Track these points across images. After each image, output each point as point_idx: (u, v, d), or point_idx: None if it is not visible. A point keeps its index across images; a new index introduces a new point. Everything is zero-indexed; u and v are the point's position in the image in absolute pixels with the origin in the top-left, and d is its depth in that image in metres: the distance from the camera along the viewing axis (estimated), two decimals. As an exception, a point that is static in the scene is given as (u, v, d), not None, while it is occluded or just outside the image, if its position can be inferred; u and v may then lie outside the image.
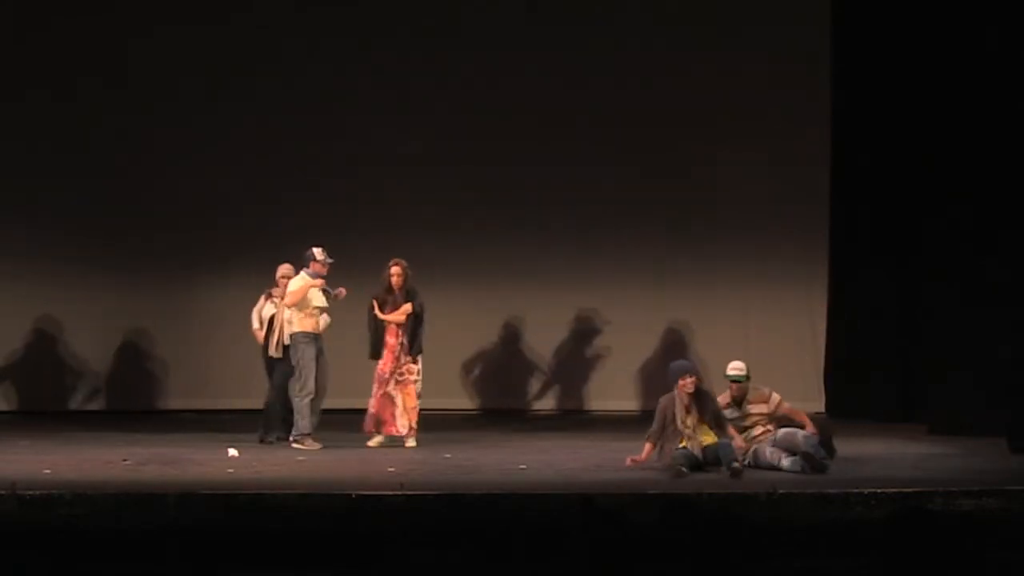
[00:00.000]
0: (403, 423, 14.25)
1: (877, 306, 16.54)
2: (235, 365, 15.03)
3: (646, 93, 16.99)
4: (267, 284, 14.74)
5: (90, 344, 16.93)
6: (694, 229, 17.09)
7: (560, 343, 17.25)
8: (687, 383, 12.65)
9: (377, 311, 14.28)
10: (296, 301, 14.32)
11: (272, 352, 14.53)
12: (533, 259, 17.02)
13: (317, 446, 14.18)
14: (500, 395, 17.16)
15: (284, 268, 14.62)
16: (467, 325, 16.59)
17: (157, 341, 17.03)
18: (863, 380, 16.55)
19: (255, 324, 14.62)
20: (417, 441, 14.31)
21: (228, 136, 16.92)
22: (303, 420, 14.27)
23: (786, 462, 12.54)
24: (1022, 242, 14.76)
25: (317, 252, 14.46)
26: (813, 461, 12.41)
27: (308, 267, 14.43)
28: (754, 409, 12.91)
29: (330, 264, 14.44)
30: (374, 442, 14.32)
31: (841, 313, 16.93)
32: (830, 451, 12.84)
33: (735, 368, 12.91)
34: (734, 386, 12.88)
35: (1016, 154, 14.87)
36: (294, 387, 14.36)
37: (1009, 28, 14.87)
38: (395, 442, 14.30)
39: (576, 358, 17.24)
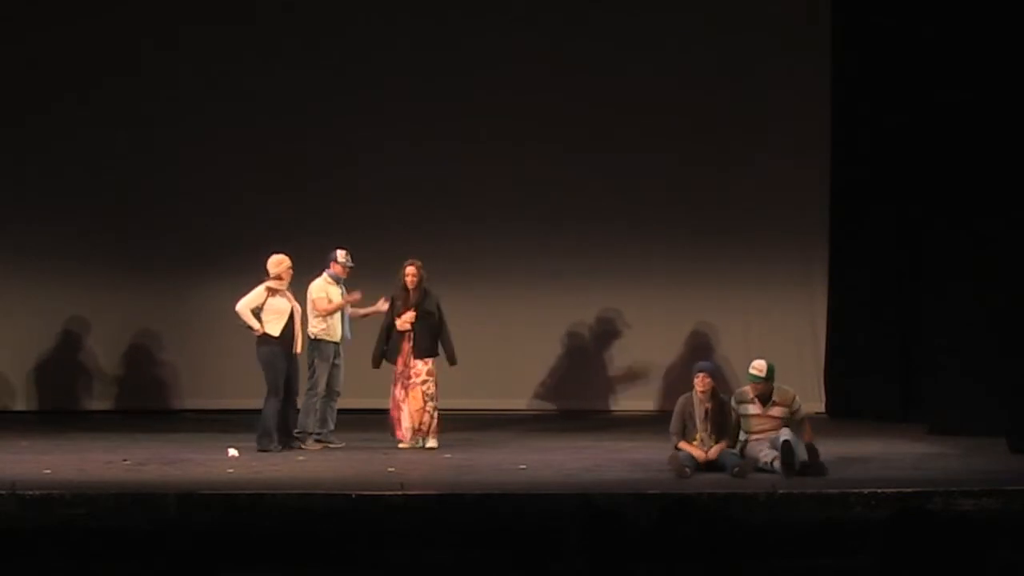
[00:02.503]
0: (408, 426, 14.09)
1: (877, 306, 16.53)
2: (236, 365, 14.99)
3: (646, 95, 16.97)
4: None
5: (90, 344, 16.90)
6: (694, 230, 17.07)
7: (559, 344, 17.23)
8: (696, 382, 12.71)
9: (397, 320, 14.08)
10: (331, 310, 14.16)
11: (297, 349, 14.06)
12: (535, 260, 17.00)
13: (317, 446, 14.16)
14: (499, 396, 17.13)
15: (287, 260, 14.00)
16: (465, 326, 16.55)
17: (158, 341, 17.00)
18: (863, 380, 16.55)
19: (254, 323, 13.89)
20: (437, 441, 14.08)
21: (239, 136, 16.87)
22: (307, 418, 14.23)
23: (776, 463, 12.52)
24: (1022, 242, 14.76)
25: (340, 254, 14.27)
26: (788, 462, 12.37)
27: (328, 268, 14.29)
28: (775, 412, 12.78)
29: (350, 268, 14.31)
30: (402, 444, 14.15)
31: (841, 313, 16.92)
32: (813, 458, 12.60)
33: (754, 367, 12.84)
34: (751, 384, 12.84)
35: (1017, 154, 14.86)
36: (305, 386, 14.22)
37: (1010, 27, 14.88)
38: (420, 443, 14.11)
39: (575, 359, 17.21)
